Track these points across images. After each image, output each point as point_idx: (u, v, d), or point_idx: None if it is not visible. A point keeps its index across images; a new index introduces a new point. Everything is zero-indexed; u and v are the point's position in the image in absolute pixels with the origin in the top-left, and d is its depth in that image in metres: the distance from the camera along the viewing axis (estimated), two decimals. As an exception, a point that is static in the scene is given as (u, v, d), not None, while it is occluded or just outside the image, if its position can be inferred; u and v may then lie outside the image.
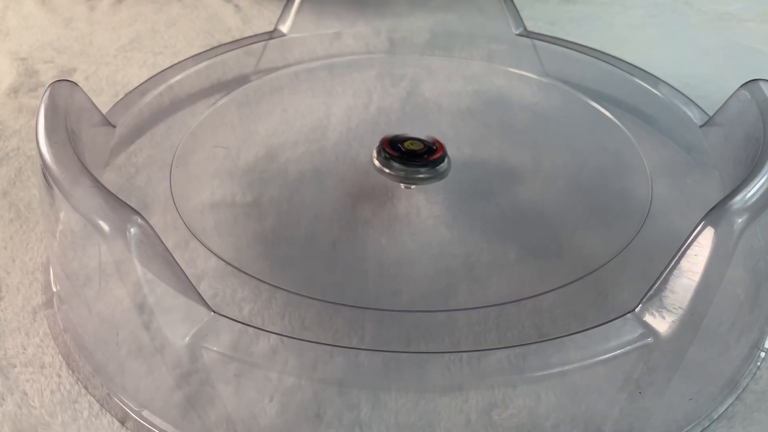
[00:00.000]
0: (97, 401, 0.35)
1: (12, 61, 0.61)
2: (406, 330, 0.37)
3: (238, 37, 0.61)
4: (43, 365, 0.37)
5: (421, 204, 0.44)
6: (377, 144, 0.45)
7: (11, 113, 0.55)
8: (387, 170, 0.44)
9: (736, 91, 0.45)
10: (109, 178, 0.45)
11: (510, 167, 0.41)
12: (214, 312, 0.33)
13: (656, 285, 0.33)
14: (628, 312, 0.32)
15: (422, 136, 0.45)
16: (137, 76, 0.59)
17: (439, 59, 0.58)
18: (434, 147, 0.44)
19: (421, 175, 0.44)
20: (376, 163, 0.44)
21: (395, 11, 0.62)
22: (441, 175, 0.44)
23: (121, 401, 0.35)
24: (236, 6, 0.71)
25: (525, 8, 0.64)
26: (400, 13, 0.62)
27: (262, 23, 0.68)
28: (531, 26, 0.60)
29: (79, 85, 0.43)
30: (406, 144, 0.44)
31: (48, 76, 0.59)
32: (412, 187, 0.44)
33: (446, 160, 0.44)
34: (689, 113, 0.50)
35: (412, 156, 0.44)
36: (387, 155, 0.44)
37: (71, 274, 0.38)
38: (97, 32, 0.66)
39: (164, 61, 0.61)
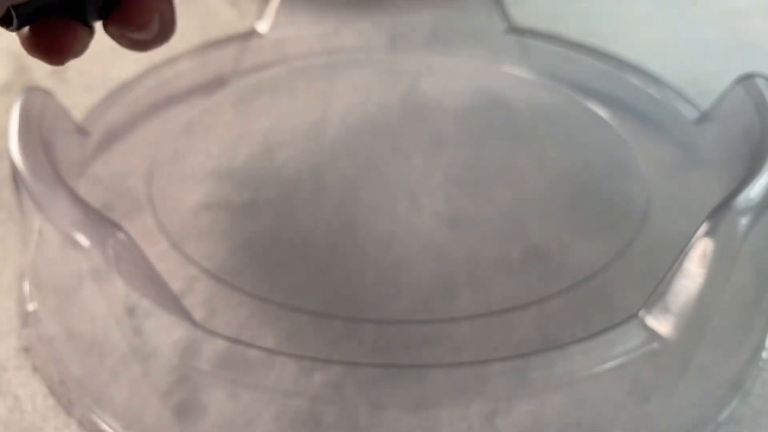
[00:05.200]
0: (80, 423, 0.34)
1: (4, 57, 0.60)
2: (406, 339, 0.36)
3: (233, 34, 0.60)
4: (35, 368, 0.36)
5: (421, 204, 0.44)
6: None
7: (2, 112, 0.54)
8: None
9: (730, 85, 0.45)
10: (87, 185, 0.44)
11: (509, 167, 0.40)
12: (201, 327, 0.32)
13: (660, 288, 0.32)
14: (632, 316, 0.32)
15: (423, 133, 0.44)
16: (132, 72, 0.58)
17: (437, 57, 0.57)
18: None
19: None
20: None
21: (393, 8, 0.62)
22: None
23: (106, 422, 0.34)
24: (232, 1, 0.70)
25: (525, 4, 0.63)
26: (398, 10, 0.61)
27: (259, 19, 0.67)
28: (531, 22, 0.59)
29: (72, 82, 0.42)
30: None
31: (40, 73, 0.58)
32: None
33: None
34: (684, 110, 0.49)
35: None
36: None
37: (49, 291, 0.37)
38: (91, 28, 0.65)
39: (159, 56, 0.60)
